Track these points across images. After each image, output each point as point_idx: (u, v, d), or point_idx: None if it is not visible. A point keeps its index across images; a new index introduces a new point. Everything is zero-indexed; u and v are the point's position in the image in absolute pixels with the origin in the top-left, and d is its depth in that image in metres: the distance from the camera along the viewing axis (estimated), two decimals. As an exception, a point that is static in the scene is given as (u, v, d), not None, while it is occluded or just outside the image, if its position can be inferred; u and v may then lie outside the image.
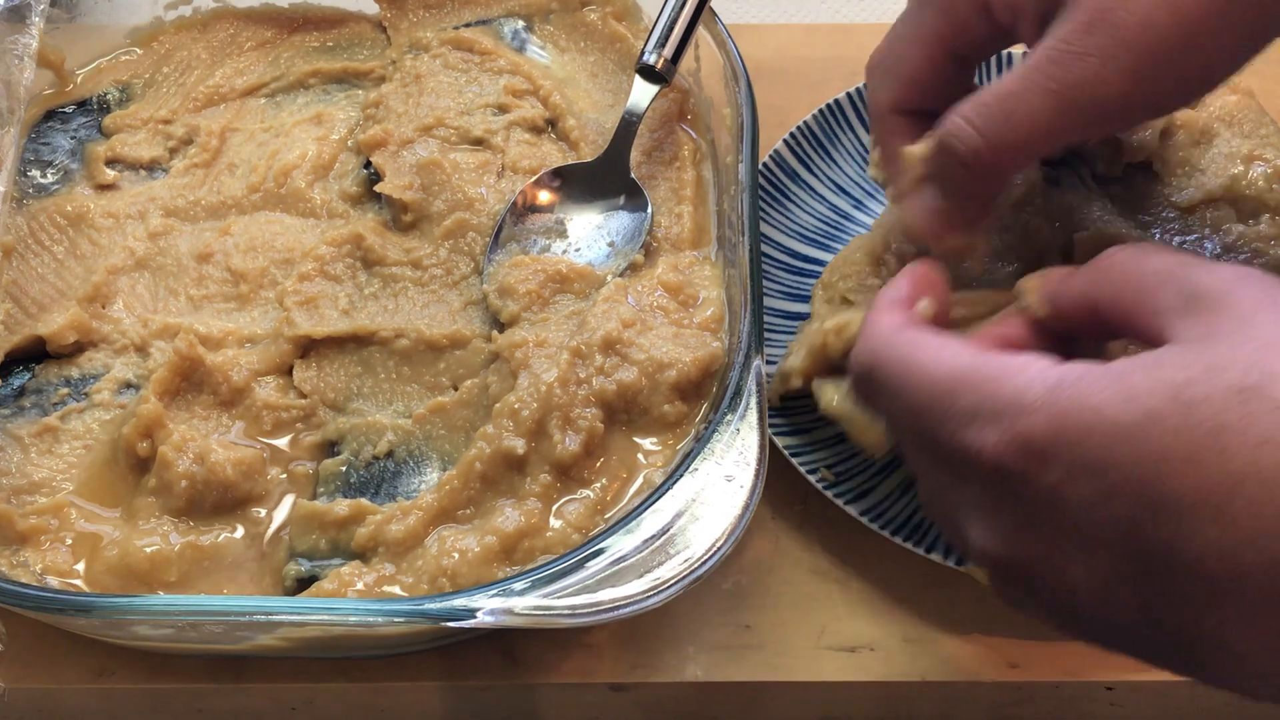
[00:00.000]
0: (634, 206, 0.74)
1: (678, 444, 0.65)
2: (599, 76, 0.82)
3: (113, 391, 0.70)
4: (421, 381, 0.70)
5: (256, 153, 0.80)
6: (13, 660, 0.64)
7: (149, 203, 0.77)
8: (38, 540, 0.64)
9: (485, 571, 0.61)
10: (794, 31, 0.90)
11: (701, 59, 0.78)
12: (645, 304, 0.69)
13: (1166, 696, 0.66)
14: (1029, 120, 0.54)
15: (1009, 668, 0.65)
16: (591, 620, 0.56)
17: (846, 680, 0.65)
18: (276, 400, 0.69)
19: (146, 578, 0.63)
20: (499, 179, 0.76)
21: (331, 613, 0.57)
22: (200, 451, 0.65)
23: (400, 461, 0.67)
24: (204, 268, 0.74)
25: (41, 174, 0.79)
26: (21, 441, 0.68)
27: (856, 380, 0.53)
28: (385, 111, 0.79)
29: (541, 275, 0.71)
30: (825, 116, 0.81)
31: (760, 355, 0.63)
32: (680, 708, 0.66)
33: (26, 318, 0.72)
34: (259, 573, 0.64)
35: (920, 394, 0.49)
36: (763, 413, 0.61)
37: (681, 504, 0.58)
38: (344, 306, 0.72)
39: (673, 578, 0.56)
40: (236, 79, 0.84)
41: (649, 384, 0.66)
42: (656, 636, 0.66)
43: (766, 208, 0.78)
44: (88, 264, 0.74)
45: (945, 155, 0.57)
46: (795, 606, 0.67)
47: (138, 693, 0.65)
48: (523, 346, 0.67)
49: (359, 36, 0.86)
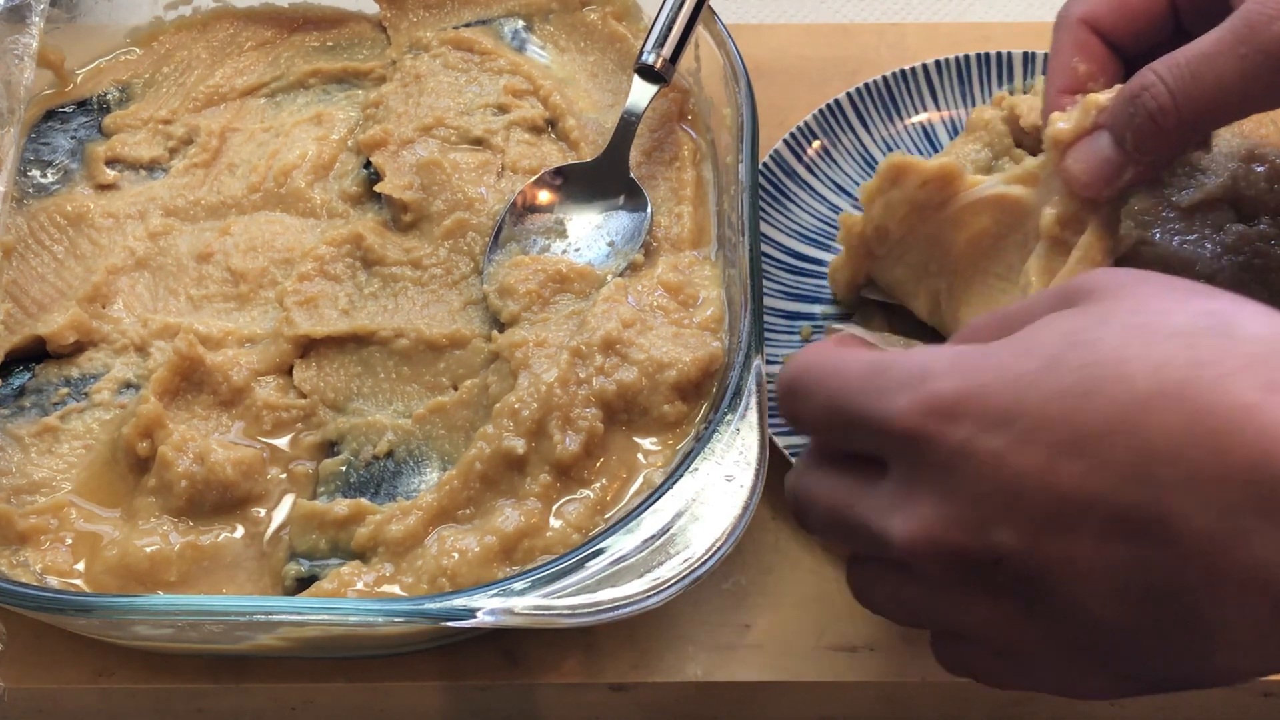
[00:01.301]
0: (634, 206, 0.74)
1: (678, 444, 0.65)
2: (599, 76, 0.82)
3: (113, 391, 0.70)
4: (421, 381, 0.70)
5: (256, 153, 0.80)
6: (13, 660, 0.64)
7: (149, 203, 0.77)
8: (38, 540, 0.64)
9: (485, 571, 0.61)
10: (794, 31, 0.90)
11: (701, 59, 0.78)
12: (645, 304, 0.69)
13: (1167, 697, 0.65)
14: (1216, 84, 0.54)
15: (1009, 668, 0.65)
16: (591, 620, 0.56)
17: (846, 680, 0.65)
18: (276, 400, 0.69)
19: (146, 578, 0.63)
20: (499, 179, 0.76)
21: (331, 613, 0.57)
22: (200, 451, 0.65)
23: (400, 461, 0.67)
24: (204, 268, 0.74)
25: (41, 174, 0.79)
26: (21, 441, 0.68)
27: (781, 397, 0.53)
28: (385, 111, 0.79)
29: (541, 275, 0.71)
30: (825, 116, 0.81)
31: (760, 355, 0.63)
32: (680, 708, 0.67)
33: (26, 318, 0.72)
34: (259, 573, 0.64)
35: (841, 382, 0.49)
36: (763, 413, 0.61)
37: (681, 504, 0.59)
38: (344, 306, 0.72)
39: (673, 578, 0.56)
40: (236, 79, 0.84)
41: (649, 384, 0.66)
42: (656, 636, 0.66)
43: (766, 208, 0.78)
44: (88, 264, 0.74)
45: (1132, 107, 0.57)
46: (795, 606, 0.67)
47: (138, 693, 0.65)
48: (523, 346, 0.67)
49: (359, 36, 0.86)
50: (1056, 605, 0.45)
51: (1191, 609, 0.43)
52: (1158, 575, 0.43)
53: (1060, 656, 0.47)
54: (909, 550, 0.47)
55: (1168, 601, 0.43)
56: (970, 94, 0.82)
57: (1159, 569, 0.43)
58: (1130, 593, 0.44)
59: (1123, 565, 0.43)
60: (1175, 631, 0.44)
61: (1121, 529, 0.43)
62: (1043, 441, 0.44)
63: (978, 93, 0.82)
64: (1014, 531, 0.45)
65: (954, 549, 0.46)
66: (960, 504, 0.46)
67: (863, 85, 0.81)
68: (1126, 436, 0.43)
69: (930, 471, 0.46)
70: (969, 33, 0.88)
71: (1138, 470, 0.42)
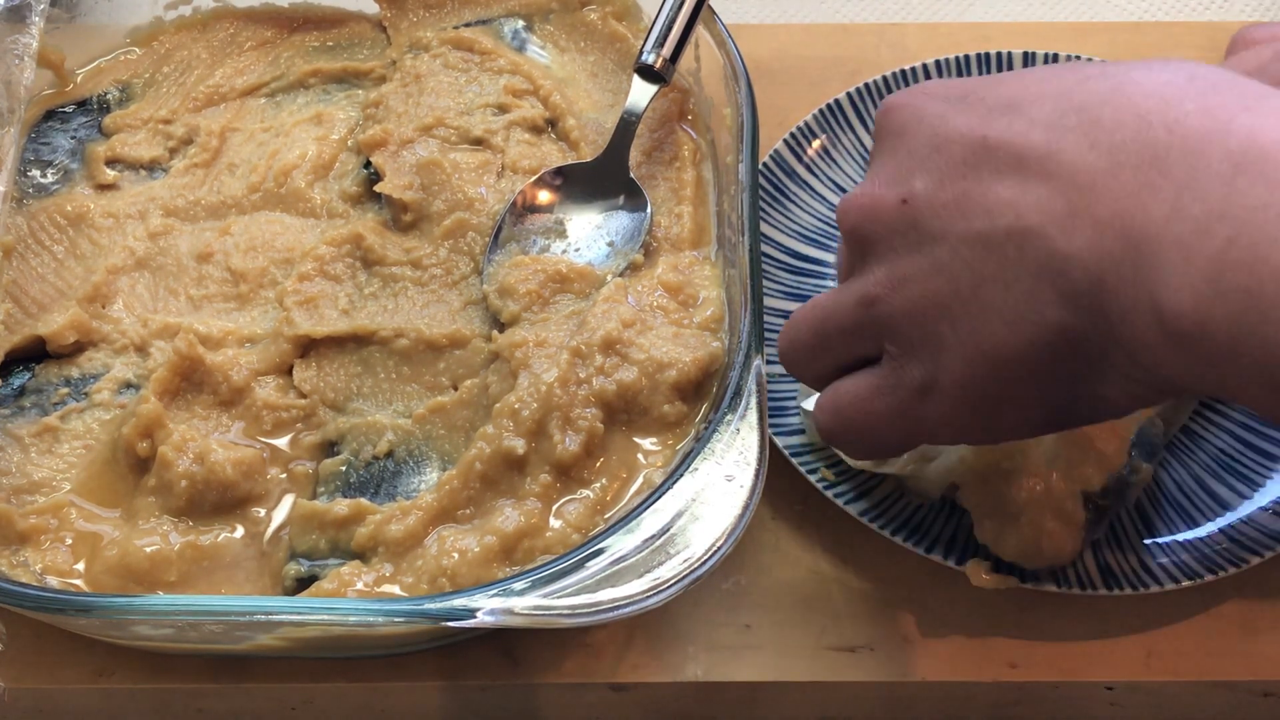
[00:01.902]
0: (634, 206, 0.74)
1: (678, 444, 0.65)
2: (599, 76, 0.82)
3: (113, 391, 0.70)
4: (421, 381, 0.70)
5: (256, 153, 0.80)
6: (13, 660, 0.64)
7: (149, 203, 0.77)
8: (38, 540, 0.64)
9: (485, 571, 0.61)
10: (794, 31, 0.90)
11: (701, 59, 0.78)
12: (645, 304, 0.69)
13: (1166, 696, 0.66)
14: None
15: (1009, 668, 0.65)
16: (591, 620, 0.56)
17: (846, 680, 0.65)
18: (276, 400, 0.69)
19: (146, 578, 0.63)
20: (499, 179, 0.76)
21: (331, 613, 0.57)
22: (200, 451, 0.65)
23: (400, 461, 0.67)
24: (204, 268, 0.74)
25: (41, 174, 0.79)
26: (21, 441, 0.68)
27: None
28: (385, 111, 0.79)
29: (541, 275, 0.71)
30: (825, 116, 0.81)
31: (760, 355, 0.63)
32: (680, 708, 0.67)
33: (26, 318, 0.72)
34: (259, 573, 0.64)
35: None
36: (763, 413, 0.61)
37: (681, 504, 0.58)
38: (344, 306, 0.72)
39: (673, 578, 0.56)
40: (236, 79, 0.84)
41: (649, 384, 0.66)
42: (656, 636, 0.66)
43: (766, 208, 0.78)
44: (88, 264, 0.74)
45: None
46: (795, 606, 0.67)
47: (138, 693, 0.65)
48: (523, 346, 0.67)
49: (359, 36, 0.86)
50: (938, 255, 0.50)
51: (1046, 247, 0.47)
52: (1029, 219, 0.47)
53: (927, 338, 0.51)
54: (841, 215, 0.54)
55: (1030, 247, 0.47)
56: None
57: (1031, 208, 0.47)
58: (994, 238, 0.48)
59: (1001, 203, 0.48)
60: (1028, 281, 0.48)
61: (1016, 165, 0.48)
62: (985, 105, 0.50)
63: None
64: (927, 177, 0.51)
65: (869, 200, 0.53)
66: (895, 163, 0.52)
67: (863, 85, 0.81)
68: (1056, 99, 0.48)
69: (884, 147, 0.54)
70: (969, 33, 0.88)
71: (1052, 120, 0.48)
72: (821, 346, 0.57)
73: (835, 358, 0.57)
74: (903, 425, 0.54)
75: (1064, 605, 0.65)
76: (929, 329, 0.51)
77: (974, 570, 0.64)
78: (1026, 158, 0.48)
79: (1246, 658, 0.65)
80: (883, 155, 0.54)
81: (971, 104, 0.51)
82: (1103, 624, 0.66)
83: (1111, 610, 0.66)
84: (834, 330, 0.56)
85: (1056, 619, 0.66)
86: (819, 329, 0.56)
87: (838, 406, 0.56)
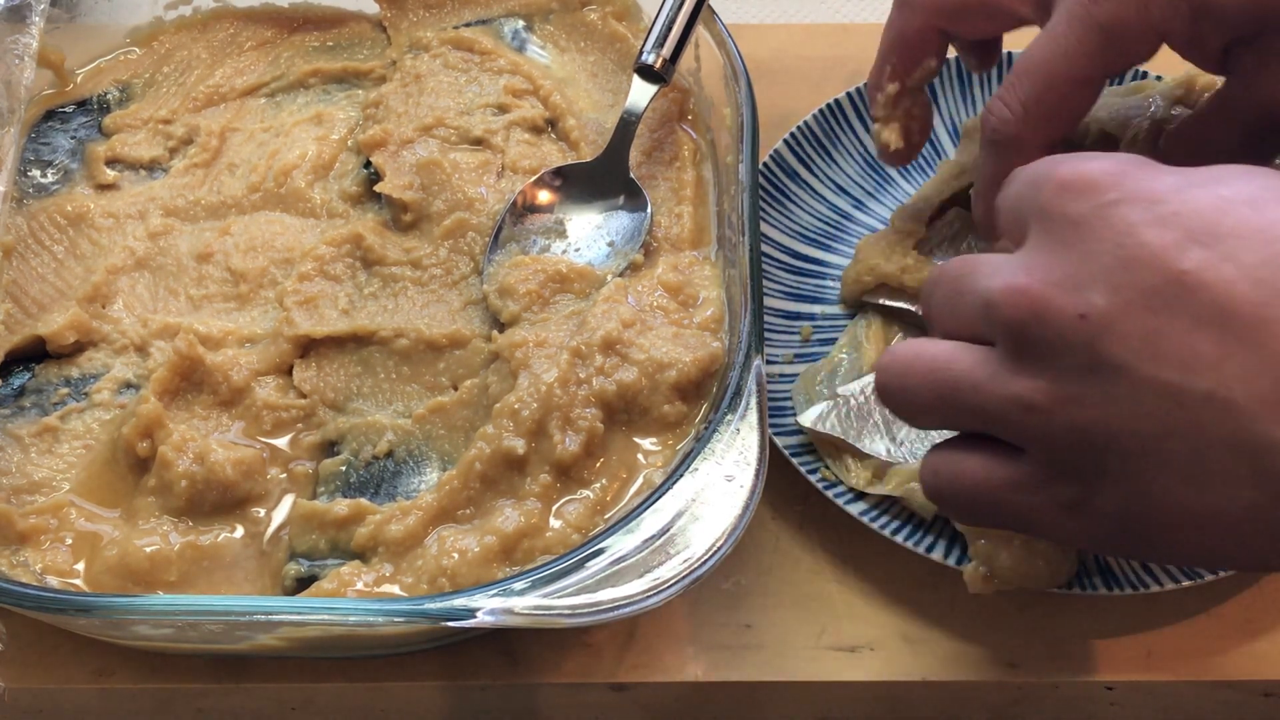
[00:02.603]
0: (634, 206, 0.74)
1: (678, 444, 0.65)
2: (599, 76, 0.82)
3: (113, 391, 0.70)
4: (421, 381, 0.70)
5: (256, 153, 0.80)
6: (13, 660, 0.64)
7: (149, 203, 0.77)
8: (38, 540, 0.64)
9: (485, 571, 0.61)
10: (794, 31, 0.90)
11: (701, 59, 0.78)
12: (645, 304, 0.69)
13: (1166, 696, 0.66)
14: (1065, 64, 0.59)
15: (1009, 668, 0.65)
16: (591, 620, 0.56)
17: (846, 680, 0.65)
18: (276, 400, 0.69)
19: (146, 578, 0.63)
20: (499, 179, 0.76)
21: (331, 613, 0.57)
22: (200, 451, 0.65)
23: (400, 461, 0.67)
24: (204, 268, 0.74)
25: (41, 174, 0.79)
26: (21, 441, 0.68)
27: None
28: (385, 111, 0.79)
29: (541, 275, 0.71)
30: (825, 116, 0.81)
31: (760, 355, 0.63)
32: (680, 708, 0.67)
33: (26, 318, 0.72)
34: (258, 573, 0.64)
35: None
36: (763, 413, 0.61)
37: (681, 504, 0.58)
38: (344, 306, 0.72)
39: (673, 578, 0.56)
40: (236, 79, 0.84)
41: (649, 384, 0.66)
42: (656, 636, 0.66)
43: (766, 208, 0.78)
44: (88, 264, 0.74)
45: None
46: (795, 606, 0.67)
47: (138, 693, 0.65)
48: (523, 346, 0.67)
49: (359, 36, 0.86)
50: (1117, 389, 0.45)
51: (1249, 428, 0.43)
52: (1232, 391, 0.43)
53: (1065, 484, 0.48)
54: (999, 298, 0.47)
55: (1230, 421, 0.43)
56: (970, 94, 0.82)
57: (1235, 378, 0.43)
58: (1189, 398, 0.44)
59: (1200, 361, 0.43)
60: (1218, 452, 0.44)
61: (1218, 319, 0.43)
62: (1181, 226, 0.45)
63: (978, 93, 0.82)
64: (1112, 295, 0.45)
65: (1039, 300, 0.46)
66: (1071, 264, 0.46)
67: (863, 85, 0.81)
68: (1262, 243, 0.43)
69: (1056, 234, 0.47)
70: (969, 33, 0.88)
71: (1260, 273, 0.43)
72: (940, 410, 0.52)
73: (954, 424, 0.52)
74: (1029, 522, 0.51)
75: (1064, 605, 0.66)
76: (1092, 457, 0.47)
77: (972, 577, 0.63)
78: (1232, 316, 0.43)
79: (1246, 658, 0.65)
80: (1053, 245, 0.47)
81: (1165, 218, 0.45)
82: (1103, 624, 0.66)
83: (1111, 610, 0.66)
84: (965, 406, 0.50)
85: (1056, 619, 0.66)
86: (942, 393, 0.51)
87: (958, 481, 0.52)
